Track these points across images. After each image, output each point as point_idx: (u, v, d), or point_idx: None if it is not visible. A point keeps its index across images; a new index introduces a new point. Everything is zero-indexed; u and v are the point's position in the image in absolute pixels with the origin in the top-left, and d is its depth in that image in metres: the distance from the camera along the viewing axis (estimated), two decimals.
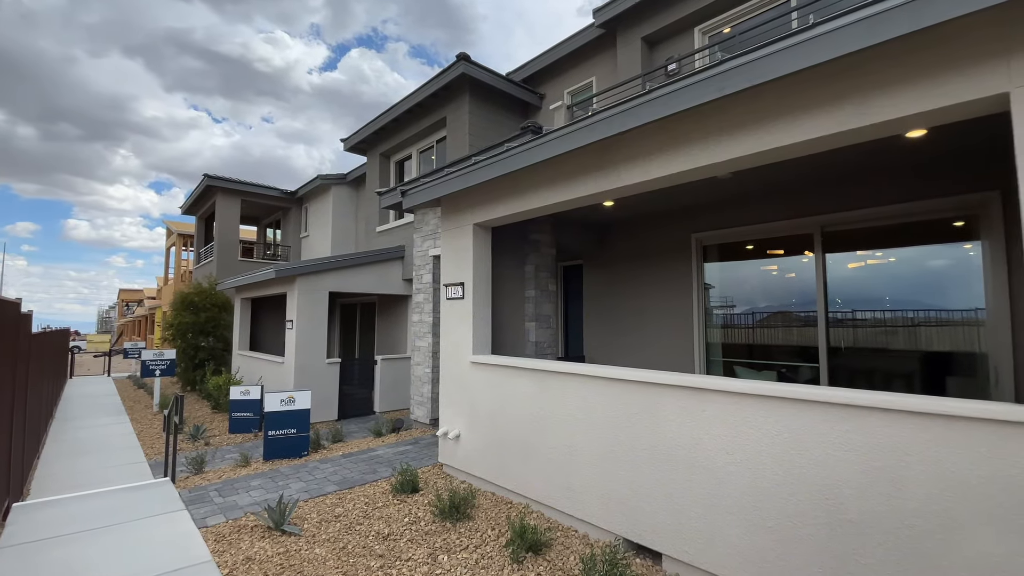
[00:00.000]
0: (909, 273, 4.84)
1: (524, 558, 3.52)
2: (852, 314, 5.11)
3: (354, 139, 11.79)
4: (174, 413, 5.71)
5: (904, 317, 4.83)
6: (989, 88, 2.23)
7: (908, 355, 4.79)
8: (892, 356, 4.89)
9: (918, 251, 4.83)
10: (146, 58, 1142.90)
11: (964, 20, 2.20)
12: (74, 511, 4.38)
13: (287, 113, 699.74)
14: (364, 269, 9.61)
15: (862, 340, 5.05)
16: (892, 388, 4.83)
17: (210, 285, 13.55)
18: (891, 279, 4.92)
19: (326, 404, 8.95)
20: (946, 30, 2.31)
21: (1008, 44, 2.19)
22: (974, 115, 2.42)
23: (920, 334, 4.74)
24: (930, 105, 2.38)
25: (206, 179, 15.53)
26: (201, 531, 4.06)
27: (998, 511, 2.17)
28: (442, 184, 4.98)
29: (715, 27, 7.47)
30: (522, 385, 4.50)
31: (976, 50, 2.26)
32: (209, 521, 4.30)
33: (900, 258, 4.92)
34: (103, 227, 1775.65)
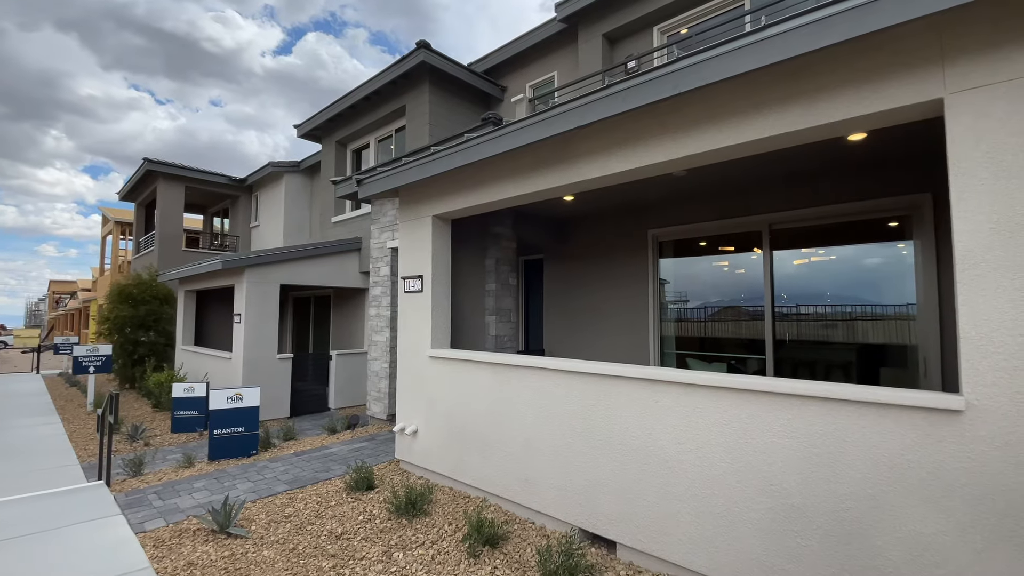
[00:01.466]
0: (848, 270, 5.12)
1: (481, 552, 3.50)
2: (796, 309, 5.36)
3: (308, 125, 11.35)
4: (108, 412, 5.35)
5: (843, 312, 5.11)
6: (925, 94, 2.36)
7: (847, 347, 5.07)
8: (832, 348, 5.16)
9: (857, 249, 5.11)
10: (81, 33, 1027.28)
11: (902, 28, 2.32)
12: (1, 516, 4.04)
13: (237, 97, 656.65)
14: (319, 261, 9.30)
15: (805, 333, 5.31)
16: (832, 378, 5.10)
17: (151, 276, 12.77)
18: (832, 276, 5.19)
19: (277, 401, 8.63)
20: (885, 37, 2.42)
21: (943, 52, 2.32)
22: (911, 119, 2.56)
23: (858, 328, 5.02)
24: (871, 109, 2.50)
25: (146, 163, 14.59)
26: (138, 536, 3.82)
27: (926, 492, 2.32)
28: (400, 174, 4.85)
29: (673, 27, 7.62)
30: (481, 379, 4.47)
31: (913, 57, 2.38)
32: (147, 526, 4.06)
33: (841, 256, 5.19)
34: (32, 213, 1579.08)
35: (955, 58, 2.29)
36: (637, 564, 3.37)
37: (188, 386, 7.54)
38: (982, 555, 2.17)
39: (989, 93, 2.21)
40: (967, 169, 2.27)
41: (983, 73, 2.22)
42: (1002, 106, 2.18)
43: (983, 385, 2.19)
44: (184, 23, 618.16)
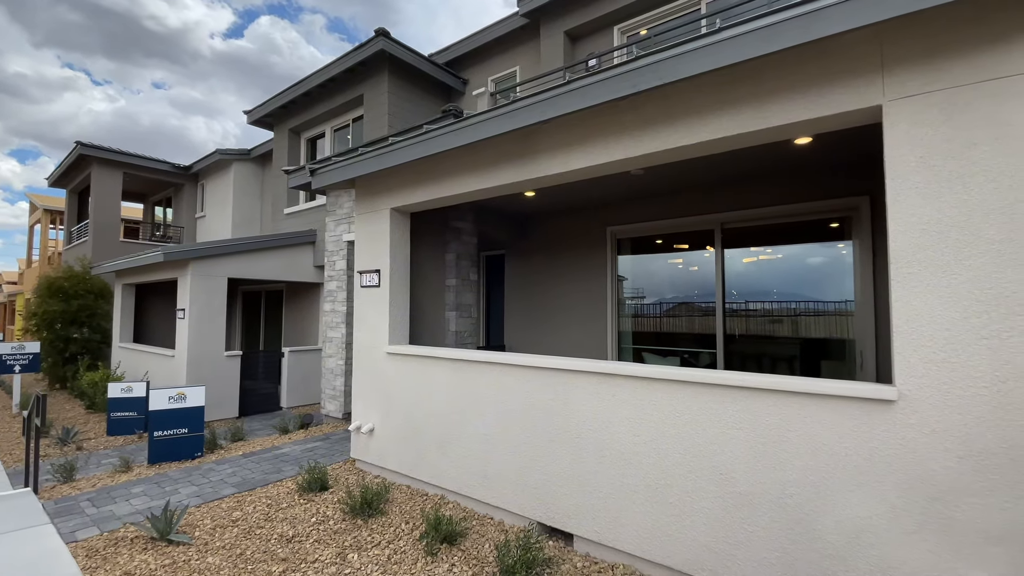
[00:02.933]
0: (793, 268, 5.37)
1: (439, 550, 3.46)
2: (745, 305, 5.58)
3: (260, 111, 10.85)
4: (35, 414, 4.94)
5: (788, 308, 5.35)
6: (866, 100, 2.49)
7: (791, 341, 5.33)
8: (778, 342, 5.41)
9: (801, 248, 5.37)
10: (10, 6, 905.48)
11: (846, 36, 2.43)
12: None
13: (183, 80, 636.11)
14: (270, 254, 8.93)
15: (753, 328, 5.53)
16: (778, 371, 5.35)
17: (84, 269, 11.92)
18: (778, 273, 5.43)
19: (225, 401, 8.25)
20: (831, 44, 2.54)
21: (883, 61, 2.45)
22: (853, 124, 2.69)
23: (801, 323, 5.28)
24: (816, 113, 2.61)
25: (80, 147, 13.55)
26: (69, 546, 3.54)
27: (862, 478, 2.46)
28: (357, 164, 4.71)
29: (633, 27, 7.74)
30: (440, 375, 4.42)
31: (856, 65, 2.50)
32: (79, 535, 3.79)
33: (786, 254, 5.44)
34: None
35: (894, 67, 2.42)
36: (594, 555, 3.42)
37: (126, 385, 7.10)
38: (912, 536, 2.32)
39: (924, 101, 2.35)
40: (902, 173, 2.40)
41: (919, 82, 2.36)
42: (935, 114, 2.32)
43: (914, 376, 2.34)
44: None
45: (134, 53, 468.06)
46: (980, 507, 2.18)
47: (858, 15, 2.24)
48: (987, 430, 2.17)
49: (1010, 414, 2.13)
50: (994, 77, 2.20)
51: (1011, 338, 2.14)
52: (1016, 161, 2.15)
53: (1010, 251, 2.15)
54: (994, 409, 2.16)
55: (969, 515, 2.20)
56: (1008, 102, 2.17)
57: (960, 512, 2.21)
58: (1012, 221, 2.16)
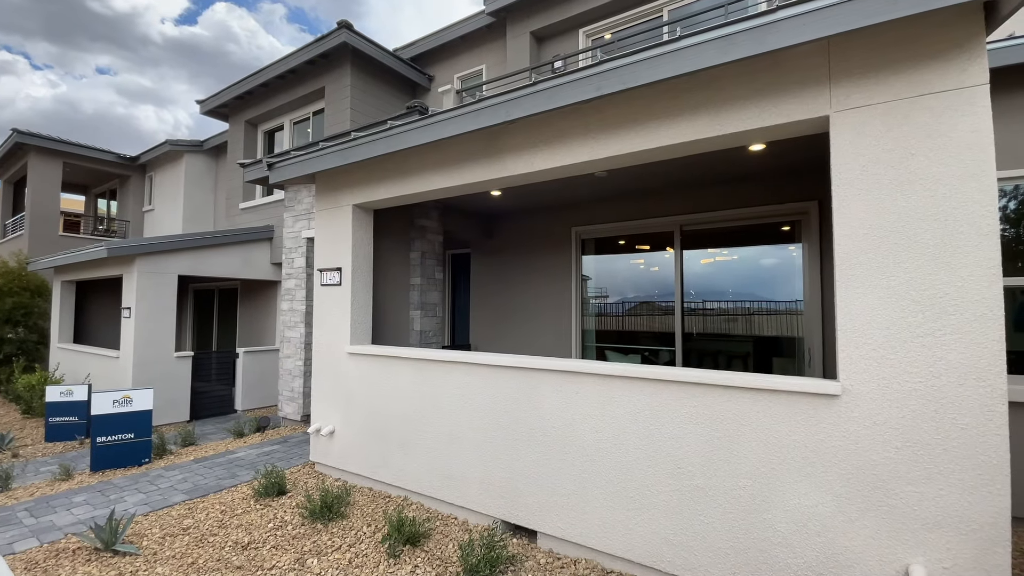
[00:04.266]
0: (747, 269, 5.59)
1: (401, 552, 3.42)
2: (702, 304, 5.77)
3: (214, 101, 10.41)
4: None
5: (743, 307, 5.57)
6: (814, 111, 2.62)
7: (745, 339, 5.55)
8: (732, 340, 5.62)
9: (755, 250, 5.60)
10: None
11: (797, 49, 2.55)
12: None
13: (131, 66, 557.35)
14: (224, 250, 8.58)
15: (710, 327, 5.73)
16: (732, 367, 5.56)
17: (19, 264, 11.13)
18: (733, 274, 5.64)
19: (175, 404, 7.88)
20: (783, 56, 2.65)
21: (830, 73, 2.58)
22: (803, 133, 2.83)
23: (754, 321, 5.50)
24: (769, 122, 2.73)
25: (15, 135, 12.63)
26: (7, 559, 3.34)
27: (809, 469, 2.59)
28: (317, 159, 4.59)
29: (598, 31, 7.85)
30: (403, 375, 4.36)
31: (805, 76, 2.63)
32: (17, 547, 3.55)
33: (741, 256, 5.66)
34: None
35: (840, 80, 2.55)
36: (557, 551, 3.47)
37: (66, 389, 6.67)
38: (855, 523, 2.46)
39: (867, 113, 2.49)
40: (847, 180, 2.54)
41: (863, 95, 2.50)
42: (877, 125, 2.46)
43: (856, 372, 2.48)
44: None
45: (78, 37, 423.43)
46: (917, 495, 2.33)
47: (808, 29, 2.36)
48: (923, 422, 2.33)
49: (943, 407, 2.29)
50: (932, 92, 2.35)
51: (944, 336, 2.30)
52: (951, 171, 2.31)
53: (944, 255, 2.31)
54: (929, 402, 2.32)
55: (907, 502, 2.35)
56: (944, 115, 2.32)
57: (899, 500, 2.36)
58: (945, 227, 2.31)
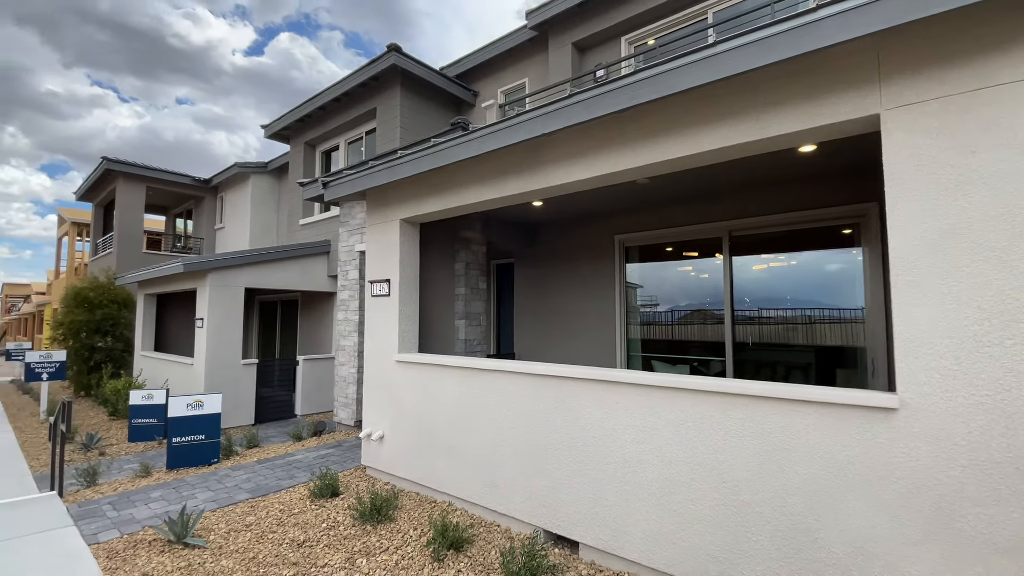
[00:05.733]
0: (803, 275, 5.33)
1: (445, 556, 3.50)
2: (755, 312, 5.55)
3: (277, 125, 11.15)
4: (61, 421, 5.13)
5: (799, 315, 5.31)
6: (863, 109, 2.51)
7: (802, 349, 5.28)
8: (789, 350, 5.36)
9: (811, 255, 5.34)
10: (42, 28, 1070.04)
11: (843, 47, 2.45)
12: None
13: (207, 96, 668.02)
14: (285, 264, 9.13)
15: (763, 336, 5.50)
16: (789, 379, 5.30)
17: (108, 279, 12.30)
18: (788, 280, 5.40)
19: (242, 408, 8.42)
20: (827, 55, 2.56)
21: (880, 71, 2.47)
22: (852, 133, 2.71)
23: (812, 330, 5.23)
24: (814, 123, 2.63)
25: (105, 162, 14.05)
26: (91, 548, 3.67)
27: (865, 487, 2.45)
28: (367, 176, 4.83)
29: (640, 38, 7.81)
30: (448, 383, 4.48)
31: (852, 74, 2.52)
32: (101, 537, 3.91)
33: (796, 261, 5.41)
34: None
35: (890, 76, 2.44)
36: (599, 563, 3.43)
37: (147, 393, 7.29)
38: (918, 547, 2.30)
39: (921, 110, 2.36)
40: (900, 181, 2.41)
41: (915, 91, 2.37)
42: (932, 123, 2.33)
43: (916, 384, 2.33)
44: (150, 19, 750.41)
45: (159, 70, 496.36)
46: (986, 517, 2.15)
47: (851, 27, 2.27)
48: (991, 439, 2.15)
49: (1015, 422, 2.11)
50: (991, 84, 2.20)
51: (1014, 345, 2.13)
52: (1017, 167, 2.15)
53: (1012, 258, 2.15)
54: (998, 418, 2.14)
55: (975, 525, 2.18)
56: (1007, 108, 2.17)
57: (966, 522, 2.19)
58: (1013, 228, 2.15)
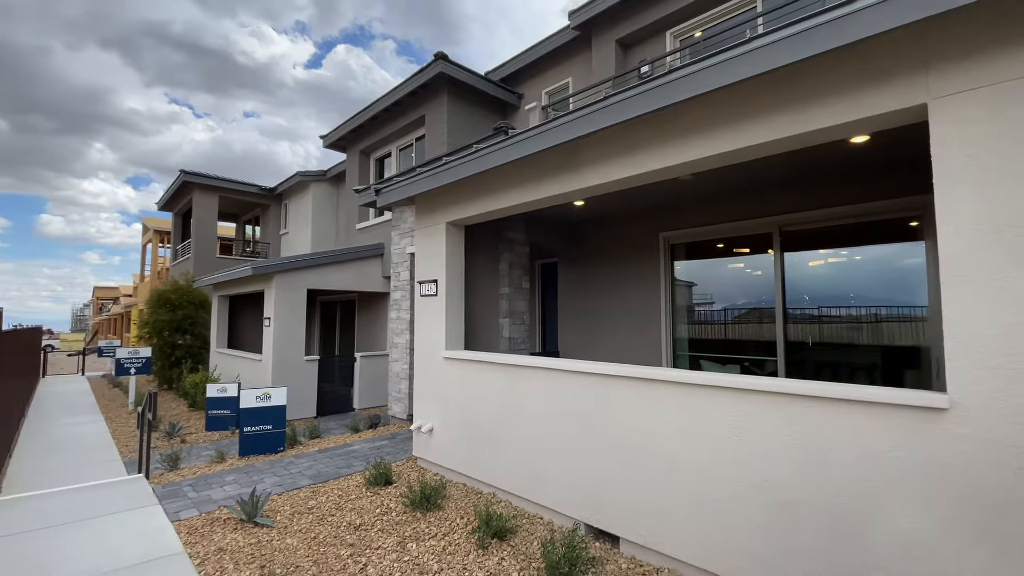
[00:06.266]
0: (861, 271, 5.09)
1: (489, 544, 3.66)
2: (807, 310, 5.35)
3: (334, 136, 11.78)
4: (147, 410, 5.73)
5: (856, 313, 5.08)
6: (909, 100, 2.43)
7: (860, 349, 5.04)
8: (845, 349, 5.13)
9: (869, 251, 5.09)
10: (123, 51, 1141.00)
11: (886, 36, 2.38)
12: (48, 506, 4.40)
13: (271, 109, 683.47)
14: (343, 266, 9.65)
15: (817, 335, 5.29)
16: (854, 381, 5.07)
17: (187, 282, 13.42)
18: (844, 277, 5.17)
19: (304, 401, 8.99)
20: (870, 45, 2.49)
21: (926, 58, 2.38)
22: (899, 124, 2.62)
23: (871, 329, 4.99)
24: (857, 115, 2.57)
25: (183, 175, 15.34)
26: (174, 524, 4.12)
27: (912, 489, 2.38)
28: (414, 183, 5.08)
29: (686, 31, 7.67)
30: (492, 379, 4.65)
31: (896, 63, 2.45)
32: (182, 515, 4.36)
33: (852, 257, 5.17)
34: (78, 223, 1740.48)
35: (937, 64, 2.35)
36: (639, 558, 3.48)
37: (221, 386, 7.94)
38: (966, 551, 2.21)
39: (971, 98, 2.27)
40: (950, 172, 2.33)
41: (965, 78, 2.28)
42: (983, 110, 2.23)
43: (967, 383, 2.24)
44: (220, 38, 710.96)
45: (229, 86, 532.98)
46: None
47: (895, 16, 2.21)
48: None
49: None
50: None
51: None
52: None
53: None
54: None
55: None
56: None
57: (1019, 528, 2.09)
58: None
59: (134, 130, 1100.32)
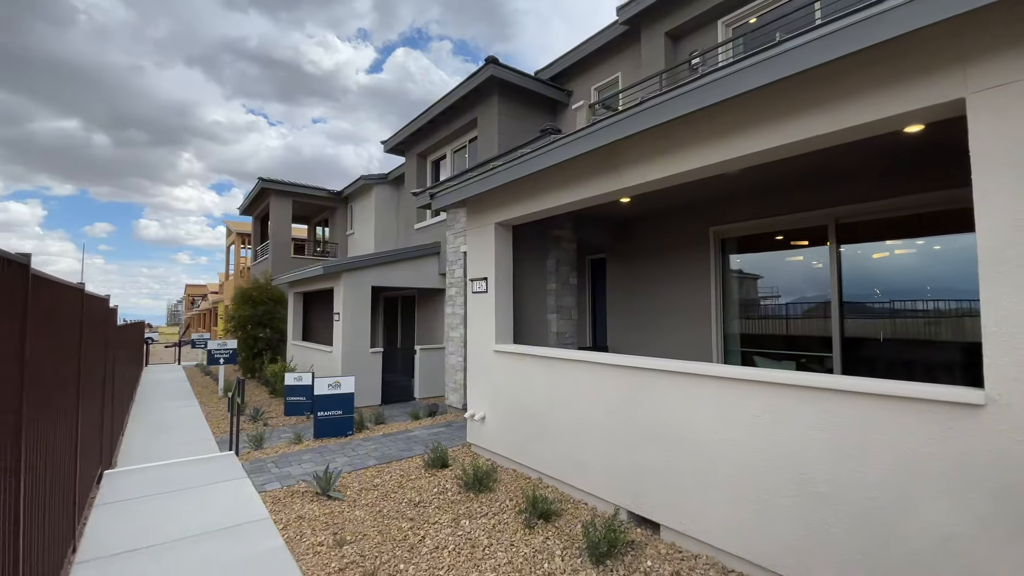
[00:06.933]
0: (924, 265, 4.86)
1: (535, 524, 3.93)
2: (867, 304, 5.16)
3: (393, 141, 12.43)
4: (236, 394, 6.48)
5: (918, 308, 4.85)
6: (946, 94, 2.41)
7: (926, 345, 4.82)
8: (909, 346, 4.92)
9: (932, 242, 4.84)
10: (205, 67, 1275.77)
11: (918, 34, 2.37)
12: (154, 477, 5.14)
13: (336, 114, 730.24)
14: (403, 264, 10.23)
15: (876, 331, 5.10)
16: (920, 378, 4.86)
17: (266, 280, 14.64)
18: (903, 270, 4.96)
19: (370, 390, 9.66)
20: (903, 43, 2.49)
21: (964, 52, 2.36)
22: (936, 119, 2.60)
23: (935, 325, 4.76)
24: (893, 111, 2.57)
25: (260, 182, 16.69)
26: (260, 495, 4.70)
27: (948, 484, 2.39)
28: (464, 188, 5.41)
29: (739, 19, 7.49)
30: (537, 371, 4.90)
31: (933, 59, 2.43)
32: (267, 487, 4.95)
33: (914, 250, 4.94)
34: (170, 226, 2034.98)
35: (975, 58, 2.32)
36: (679, 545, 3.61)
37: (297, 376, 8.73)
38: (1003, 547, 2.21)
39: (1011, 91, 2.23)
40: (988, 167, 2.30)
41: (1004, 72, 2.25)
42: (1022, 104, 2.20)
43: (1005, 380, 2.23)
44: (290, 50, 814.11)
45: (299, 94, 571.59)
46: None
47: (935, 10, 2.20)
48: None
49: None
50: None
51: None
52: None
53: None
54: None
55: None
56: None
57: None
58: None
59: (216, 140, 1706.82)
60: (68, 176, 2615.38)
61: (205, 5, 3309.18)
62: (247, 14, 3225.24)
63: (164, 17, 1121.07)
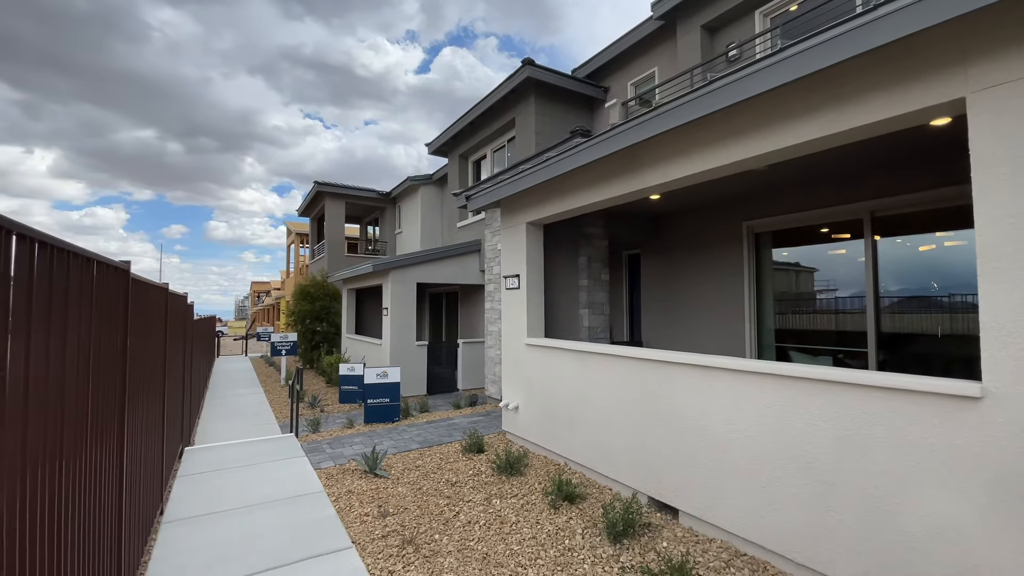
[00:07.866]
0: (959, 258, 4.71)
1: (560, 506, 4.21)
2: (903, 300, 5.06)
3: (437, 143, 12.93)
4: (296, 383, 7.14)
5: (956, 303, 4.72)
6: (946, 94, 2.47)
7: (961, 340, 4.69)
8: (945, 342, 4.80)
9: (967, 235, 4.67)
10: (266, 76, 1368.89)
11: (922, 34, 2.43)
12: (226, 455, 5.81)
13: (387, 115, 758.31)
14: (446, 262, 10.70)
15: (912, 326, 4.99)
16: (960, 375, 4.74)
17: (323, 278, 15.60)
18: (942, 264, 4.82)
19: (416, 381, 10.21)
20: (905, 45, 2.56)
21: (965, 51, 2.42)
22: (937, 119, 2.65)
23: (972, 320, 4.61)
24: (895, 111, 2.64)
25: (316, 185, 17.72)
26: (316, 471, 5.24)
27: (946, 475, 2.47)
28: (497, 190, 5.71)
29: (777, 7, 7.35)
30: (566, 364, 5.15)
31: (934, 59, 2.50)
32: (322, 465, 5.49)
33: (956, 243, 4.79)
34: (237, 227, 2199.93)
35: (975, 58, 2.38)
36: (695, 529, 3.79)
37: (350, 366, 9.38)
38: (998, 536, 2.28)
39: (1010, 90, 2.28)
40: (987, 165, 2.36)
41: (1003, 71, 2.30)
42: (1021, 103, 2.24)
43: (1001, 373, 2.29)
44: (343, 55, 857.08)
45: (351, 98, 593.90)
46: None
47: (938, 12, 2.27)
48: None
49: None
50: None
51: None
52: None
53: None
54: None
55: None
56: None
57: None
58: None
59: (276, 144, 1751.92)
60: (147, 182, 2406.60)
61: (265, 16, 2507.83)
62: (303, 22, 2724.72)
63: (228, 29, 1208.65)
